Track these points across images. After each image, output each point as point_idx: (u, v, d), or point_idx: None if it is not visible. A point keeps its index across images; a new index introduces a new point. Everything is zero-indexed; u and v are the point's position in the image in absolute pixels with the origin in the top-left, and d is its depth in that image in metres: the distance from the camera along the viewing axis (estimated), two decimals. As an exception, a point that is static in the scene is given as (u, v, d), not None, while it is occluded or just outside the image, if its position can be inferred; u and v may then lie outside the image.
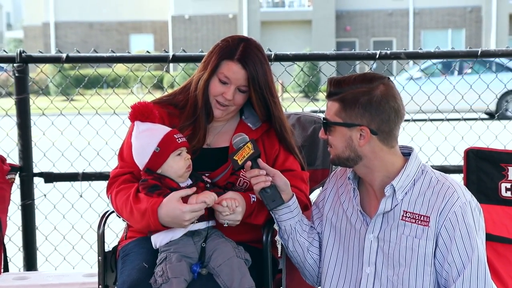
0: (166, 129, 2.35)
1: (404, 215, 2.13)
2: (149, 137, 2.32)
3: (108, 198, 2.42)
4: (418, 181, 2.15)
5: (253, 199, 2.35)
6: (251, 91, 2.39)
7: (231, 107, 2.42)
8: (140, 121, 2.35)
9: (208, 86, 2.41)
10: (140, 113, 2.35)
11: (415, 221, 2.12)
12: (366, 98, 2.09)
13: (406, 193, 2.14)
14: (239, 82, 2.37)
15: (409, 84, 5.21)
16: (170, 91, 2.63)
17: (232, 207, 2.26)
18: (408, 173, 2.14)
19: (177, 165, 2.30)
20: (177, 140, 2.32)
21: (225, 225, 2.29)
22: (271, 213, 2.32)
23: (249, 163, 2.25)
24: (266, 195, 2.24)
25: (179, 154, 2.32)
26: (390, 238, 2.15)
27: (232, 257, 2.23)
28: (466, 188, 2.17)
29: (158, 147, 2.29)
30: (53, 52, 5.49)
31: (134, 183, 2.35)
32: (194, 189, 2.26)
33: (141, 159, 2.34)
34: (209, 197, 2.23)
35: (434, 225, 2.10)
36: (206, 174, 2.41)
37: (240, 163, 2.25)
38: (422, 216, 2.11)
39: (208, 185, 2.35)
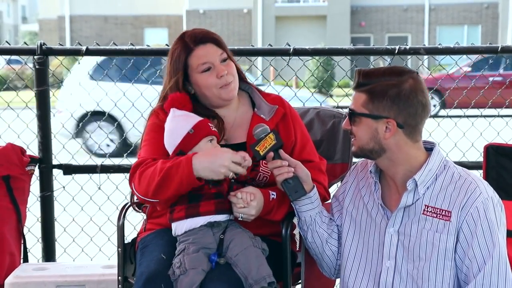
0: (201, 117, 2.38)
1: (426, 209, 2.13)
2: (185, 120, 2.36)
3: (131, 187, 2.36)
4: (440, 176, 2.15)
5: (273, 196, 2.35)
6: (228, 54, 2.44)
7: (234, 82, 2.44)
8: (176, 108, 2.39)
9: (192, 88, 2.43)
10: (177, 101, 2.39)
11: (437, 216, 2.11)
12: (395, 91, 2.09)
13: (428, 187, 2.14)
14: (217, 55, 2.42)
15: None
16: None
17: (247, 200, 2.27)
18: (430, 167, 2.14)
19: None
20: (210, 127, 2.36)
21: (240, 218, 2.30)
22: (292, 204, 2.32)
23: (271, 154, 2.25)
24: (288, 186, 2.25)
25: (210, 141, 2.34)
26: (410, 232, 2.15)
27: (249, 246, 2.24)
28: (488, 184, 2.16)
29: (192, 129, 2.33)
30: (68, 45, 5.53)
31: (160, 160, 2.33)
32: (245, 153, 2.28)
33: (173, 140, 2.34)
34: (248, 157, 2.26)
35: (456, 220, 2.09)
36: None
37: (262, 154, 2.25)
38: (444, 211, 2.11)
39: (233, 180, 2.35)
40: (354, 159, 2.54)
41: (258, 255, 2.23)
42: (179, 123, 2.36)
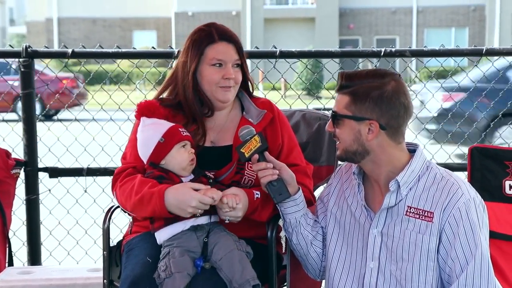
0: (171, 123, 2.39)
1: (409, 210, 2.14)
2: (154, 129, 2.36)
3: (113, 195, 2.42)
4: (422, 177, 2.16)
5: (257, 195, 2.35)
6: (242, 61, 2.45)
7: (235, 87, 2.45)
8: (146, 117, 2.40)
9: (196, 80, 2.42)
10: (146, 109, 2.41)
11: (419, 217, 2.13)
12: (378, 93, 2.10)
13: (410, 188, 2.15)
14: (233, 57, 2.43)
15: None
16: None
17: (232, 205, 2.27)
18: (413, 168, 2.15)
19: (181, 157, 2.33)
20: (181, 132, 2.36)
21: (226, 221, 2.30)
22: (277, 206, 2.33)
23: (256, 156, 2.26)
24: (272, 188, 2.25)
25: (183, 146, 2.35)
26: (393, 233, 2.16)
27: (232, 250, 2.24)
28: (471, 185, 2.17)
29: (162, 137, 2.33)
30: (56, 48, 5.48)
31: (138, 174, 2.37)
32: (209, 186, 2.29)
33: (145, 150, 2.37)
34: (217, 194, 2.25)
35: (438, 221, 2.11)
36: (212, 173, 2.41)
37: (247, 155, 2.26)
38: (426, 212, 2.12)
39: (211, 181, 2.36)
40: (340, 162, 2.54)
41: (242, 258, 2.23)
42: (149, 133, 2.36)
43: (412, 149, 2.22)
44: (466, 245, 2.08)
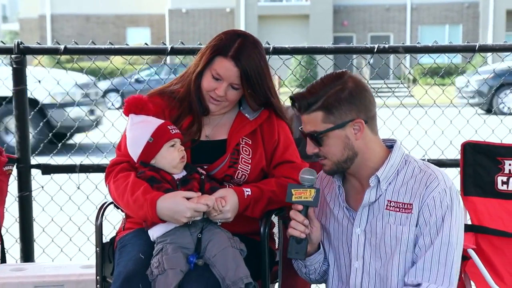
0: (160, 121, 2.36)
1: (389, 204, 2.15)
2: (142, 128, 2.34)
3: (106, 187, 2.42)
4: (401, 171, 2.17)
5: (247, 193, 2.35)
6: (244, 88, 2.38)
7: (224, 103, 2.42)
8: (134, 114, 2.37)
9: (200, 80, 2.42)
10: (134, 105, 2.37)
11: (399, 210, 2.13)
12: (346, 93, 2.11)
13: (390, 183, 2.16)
14: (231, 80, 2.37)
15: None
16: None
17: (219, 208, 2.26)
18: (392, 163, 2.16)
19: (171, 156, 2.32)
20: (170, 131, 2.33)
21: (218, 223, 2.30)
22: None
23: (300, 206, 2.19)
24: (293, 243, 2.19)
25: (172, 146, 2.33)
26: (376, 229, 2.17)
27: (227, 247, 2.23)
28: (448, 177, 2.17)
29: (151, 137, 2.31)
30: (49, 45, 5.46)
31: (132, 172, 2.36)
32: (199, 193, 2.27)
33: (135, 150, 2.35)
34: (210, 200, 2.24)
35: (416, 211, 2.12)
36: (205, 167, 2.41)
37: (293, 199, 2.18)
38: (406, 204, 2.13)
39: (203, 177, 2.36)
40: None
41: (235, 256, 2.23)
42: (138, 131, 2.34)
43: (390, 145, 2.23)
44: (434, 233, 2.09)
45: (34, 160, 3.54)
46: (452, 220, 2.10)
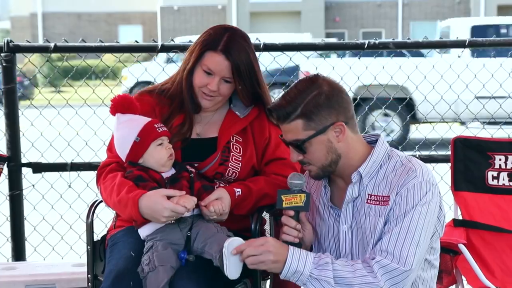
0: (146, 119, 2.35)
1: (369, 198, 2.15)
2: (129, 127, 2.32)
3: (98, 189, 2.42)
4: (384, 165, 2.17)
5: (238, 193, 2.35)
6: (235, 82, 2.38)
7: (217, 98, 2.42)
8: (120, 113, 2.35)
9: (191, 76, 2.41)
10: (120, 104, 2.35)
11: (379, 203, 2.13)
12: (323, 97, 2.10)
13: (371, 178, 2.16)
14: (223, 73, 2.37)
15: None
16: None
17: (220, 212, 2.27)
18: (375, 159, 2.16)
19: (159, 154, 2.31)
20: (157, 129, 2.32)
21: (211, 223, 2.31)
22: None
23: (292, 212, 2.19)
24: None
25: (160, 144, 2.32)
26: (360, 224, 2.17)
27: (214, 234, 2.24)
28: (430, 172, 2.16)
29: (138, 136, 2.30)
30: (40, 43, 5.45)
31: (120, 172, 2.35)
32: (184, 192, 2.25)
33: (122, 150, 2.34)
34: (189, 203, 2.20)
35: (391, 202, 2.11)
36: (196, 165, 2.41)
37: (283, 205, 2.17)
38: (384, 197, 2.13)
39: (192, 175, 2.35)
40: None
41: (222, 240, 2.19)
42: (124, 131, 2.33)
43: (374, 140, 2.22)
44: (401, 217, 2.08)
45: (25, 158, 3.53)
46: (423, 212, 2.08)
